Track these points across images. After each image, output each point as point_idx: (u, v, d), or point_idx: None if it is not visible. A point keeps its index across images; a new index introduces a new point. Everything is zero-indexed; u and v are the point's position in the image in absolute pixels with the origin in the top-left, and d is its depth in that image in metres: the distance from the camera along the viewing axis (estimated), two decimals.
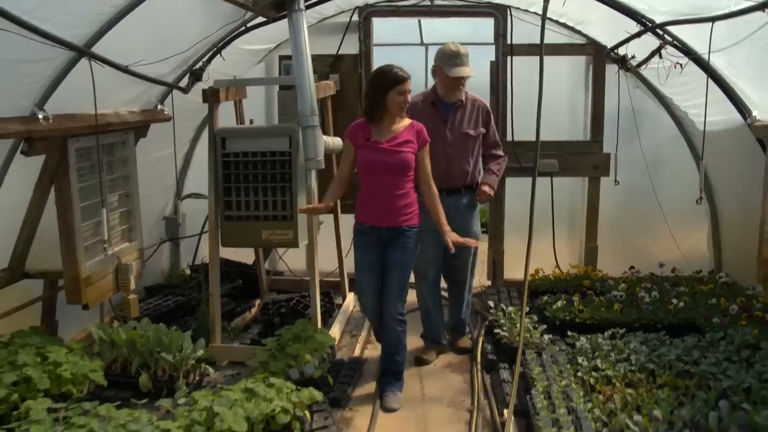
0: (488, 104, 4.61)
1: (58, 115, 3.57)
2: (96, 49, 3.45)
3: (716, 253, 5.90)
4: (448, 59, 4.33)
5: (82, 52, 3.35)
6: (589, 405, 3.52)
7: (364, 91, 4.19)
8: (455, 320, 4.88)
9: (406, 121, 4.00)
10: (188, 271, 6.08)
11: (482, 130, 4.53)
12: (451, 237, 3.91)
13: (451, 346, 4.82)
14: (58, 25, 3.05)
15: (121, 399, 3.73)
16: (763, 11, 3.10)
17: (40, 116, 3.42)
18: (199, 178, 5.75)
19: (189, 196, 5.99)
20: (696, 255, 5.95)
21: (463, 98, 4.47)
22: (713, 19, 3.62)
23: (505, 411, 3.65)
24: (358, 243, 4.08)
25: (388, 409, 3.98)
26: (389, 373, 4.17)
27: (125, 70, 3.75)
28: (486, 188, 4.50)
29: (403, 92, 3.87)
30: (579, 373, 3.95)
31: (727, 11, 3.41)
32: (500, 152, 4.67)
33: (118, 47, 3.59)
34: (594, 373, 3.92)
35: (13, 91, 3.24)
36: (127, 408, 3.32)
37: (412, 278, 4.24)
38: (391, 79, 3.85)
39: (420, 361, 4.63)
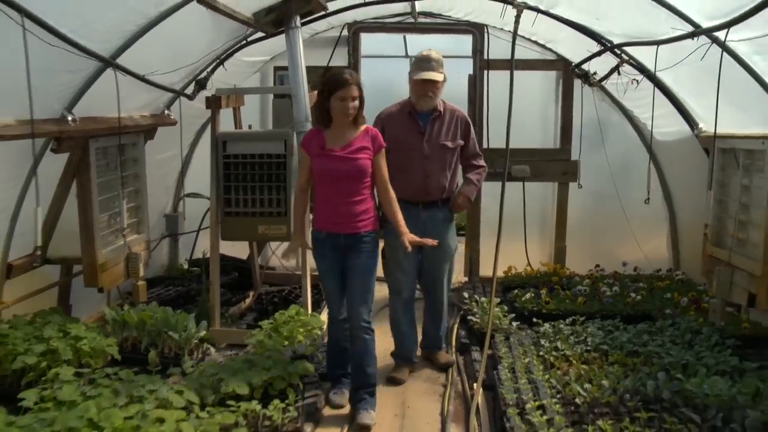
0: (467, 115, 4.66)
1: (83, 118, 4.12)
2: (120, 60, 4.02)
3: (674, 253, 6.53)
4: (417, 63, 4.33)
5: (109, 62, 3.92)
6: (548, 377, 4.11)
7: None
8: (432, 338, 4.83)
9: (362, 128, 3.93)
10: (186, 266, 6.62)
11: (460, 141, 4.51)
12: (408, 237, 3.96)
13: (432, 363, 4.80)
14: (92, 41, 3.62)
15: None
16: (692, 39, 3.73)
17: (69, 118, 3.98)
18: (197, 179, 6.31)
19: (188, 195, 6.53)
20: (657, 255, 6.59)
21: (441, 108, 4.45)
22: (657, 43, 4.26)
23: (475, 384, 4.23)
24: (317, 252, 4.05)
25: (362, 426, 3.91)
26: (362, 388, 4.06)
27: (142, 78, 4.32)
28: (461, 199, 4.57)
29: (344, 98, 3.76)
30: (541, 353, 4.54)
31: (666, 37, 4.04)
32: (481, 162, 4.67)
33: (137, 59, 4.16)
34: (554, 353, 4.51)
35: (49, 96, 3.79)
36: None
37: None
38: (333, 83, 3.77)
39: (392, 381, 4.58)
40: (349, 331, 4.09)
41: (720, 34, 3.52)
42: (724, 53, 3.76)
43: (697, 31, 3.69)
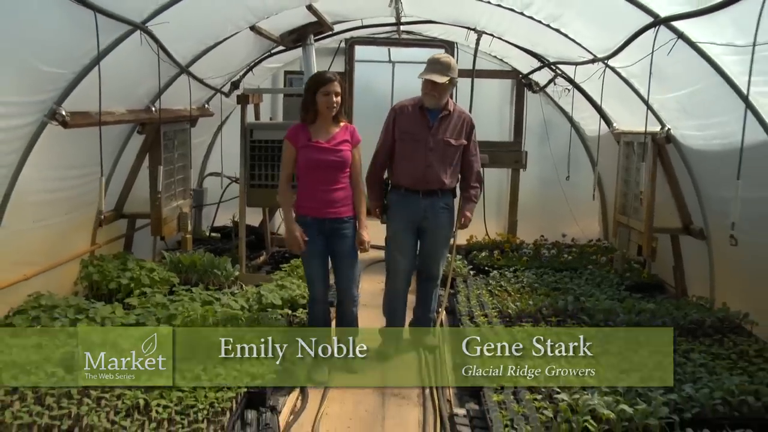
0: (473, 120, 5.03)
1: (160, 109, 5.94)
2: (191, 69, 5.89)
3: (604, 227, 8.52)
4: (427, 64, 4.80)
5: (185, 71, 5.76)
6: (492, 300, 6.02)
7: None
8: (418, 318, 5.34)
9: (341, 124, 4.55)
10: (208, 232, 8.45)
11: (463, 141, 4.92)
12: (364, 237, 4.59)
13: (417, 343, 5.20)
14: (179, 54, 5.46)
15: None
16: (593, 64, 5.69)
17: (153, 109, 5.79)
18: (217, 160, 8.13)
19: (211, 174, 8.36)
20: (590, 229, 8.61)
21: (451, 109, 4.89)
22: (575, 64, 6.22)
23: (440, 309, 6.11)
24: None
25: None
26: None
27: (202, 81, 6.16)
28: (465, 220, 5.08)
29: (329, 93, 4.38)
30: (489, 288, 6.46)
31: (578, 61, 6.00)
32: (478, 180, 5.12)
33: (198, 68, 6.01)
34: (498, 288, 6.44)
35: (142, 94, 5.62)
36: None
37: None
38: (318, 80, 4.44)
39: (381, 355, 4.98)
40: (337, 305, 4.84)
41: (609, 62, 5.49)
42: (617, 75, 5.76)
43: (595, 59, 5.65)
